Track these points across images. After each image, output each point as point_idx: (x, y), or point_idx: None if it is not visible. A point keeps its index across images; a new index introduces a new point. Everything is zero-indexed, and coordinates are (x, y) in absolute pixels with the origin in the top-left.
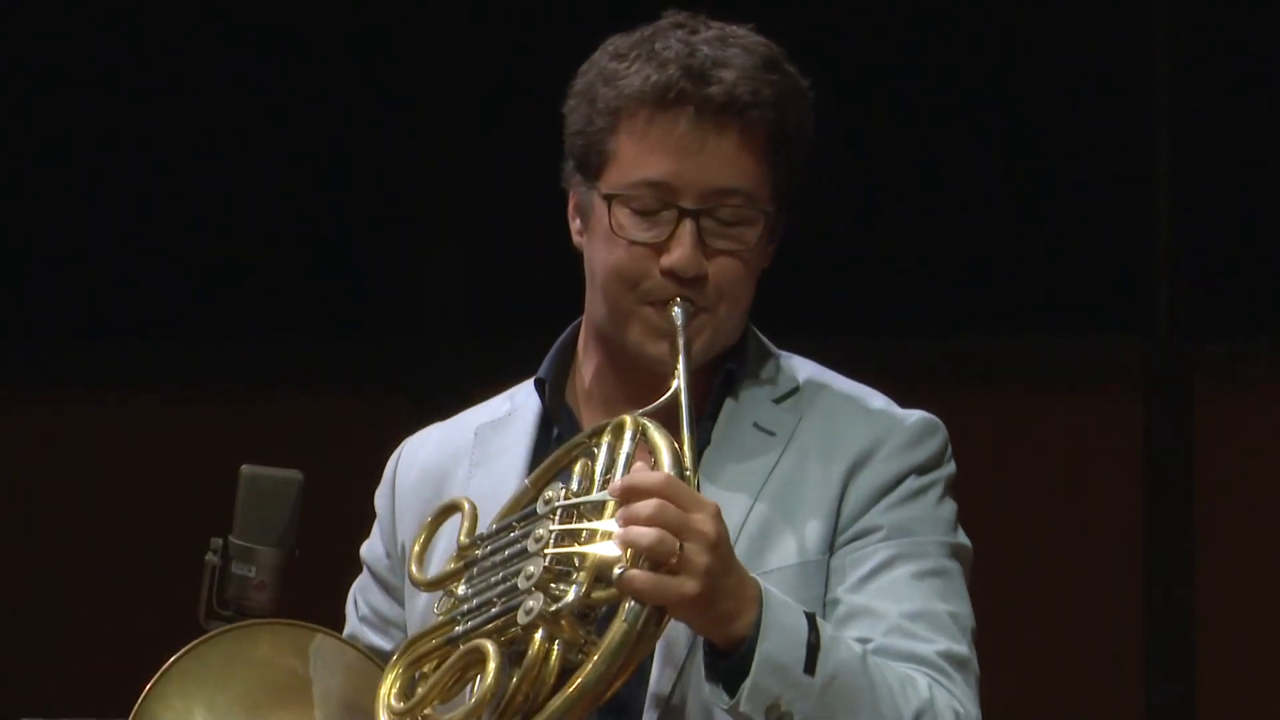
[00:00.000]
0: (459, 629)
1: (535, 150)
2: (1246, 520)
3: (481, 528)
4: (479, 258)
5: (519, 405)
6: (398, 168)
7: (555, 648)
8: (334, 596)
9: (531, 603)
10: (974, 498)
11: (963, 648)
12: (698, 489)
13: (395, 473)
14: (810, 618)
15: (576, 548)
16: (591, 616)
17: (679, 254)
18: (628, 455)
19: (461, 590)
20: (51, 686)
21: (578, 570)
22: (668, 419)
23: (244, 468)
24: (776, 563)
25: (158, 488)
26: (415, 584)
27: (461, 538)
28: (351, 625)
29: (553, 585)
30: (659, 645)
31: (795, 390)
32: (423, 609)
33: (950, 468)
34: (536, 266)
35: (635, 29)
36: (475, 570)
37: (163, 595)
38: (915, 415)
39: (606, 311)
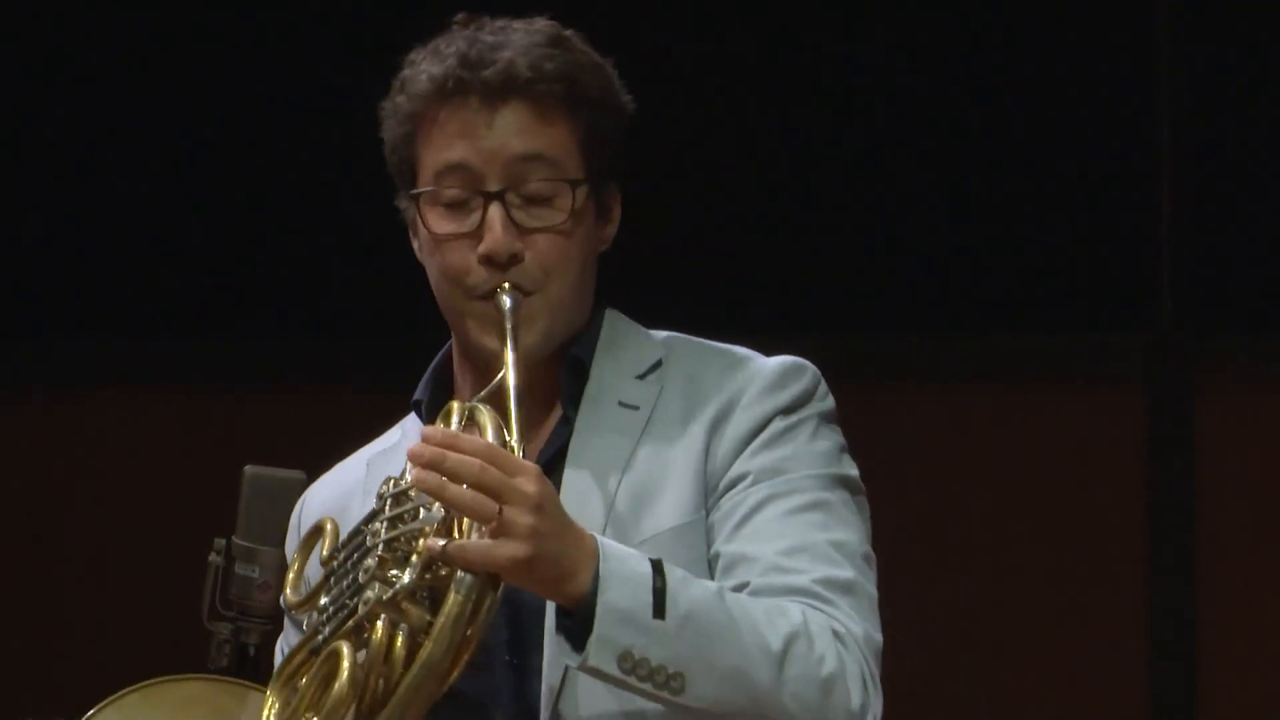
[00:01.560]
0: (319, 638)
1: None
2: (1248, 518)
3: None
4: None
5: (408, 432)
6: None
7: (400, 633)
8: None
9: (369, 593)
10: (975, 496)
11: (846, 572)
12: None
13: (300, 518)
14: (655, 563)
15: (404, 528)
16: (435, 597)
17: (490, 238)
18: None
19: (324, 601)
20: (53, 687)
21: (407, 551)
22: (503, 405)
23: (247, 468)
24: (649, 530)
25: (161, 488)
26: (288, 608)
27: (323, 554)
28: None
29: (391, 573)
30: (547, 625)
31: (658, 363)
32: None
33: (823, 404)
34: None
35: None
36: (332, 580)
37: (166, 596)
38: (778, 360)
39: (448, 318)
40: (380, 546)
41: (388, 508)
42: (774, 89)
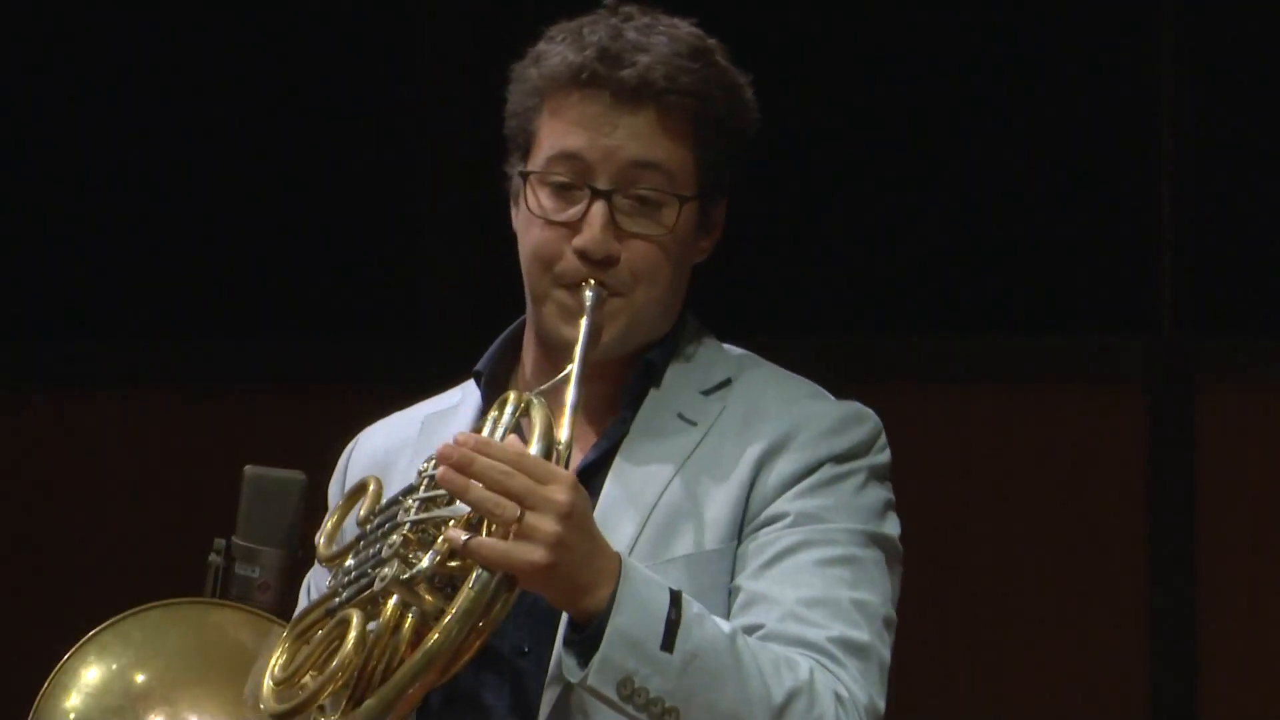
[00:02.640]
0: (336, 600)
1: None
2: (1249, 518)
3: None
4: (482, 256)
5: (466, 396)
6: (400, 166)
7: (411, 616)
8: None
9: (386, 570)
10: (975, 496)
11: (862, 634)
12: (567, 465)
13: (347, 462)
14: (675, 595)
15: (434, 513)
16: (453, 586)
17: (588, 234)
18: (505, 428)
19: (349, 563)
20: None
21: (432, 536)
22: (562, 400)
23: (248, 468)
24: (681, 550)
25: (161, 488)
26: (319, 560)
27: (360, 513)
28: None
29: (412, 554)
30: (563, 623)
31: (726, 382)
32: None
33: (878, 458)
34: None
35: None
36: (362, 544)
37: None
38: (842, 404)
39: (530, 299)
40: (408, 525)
41: (424, 487)
42: (774, 88)
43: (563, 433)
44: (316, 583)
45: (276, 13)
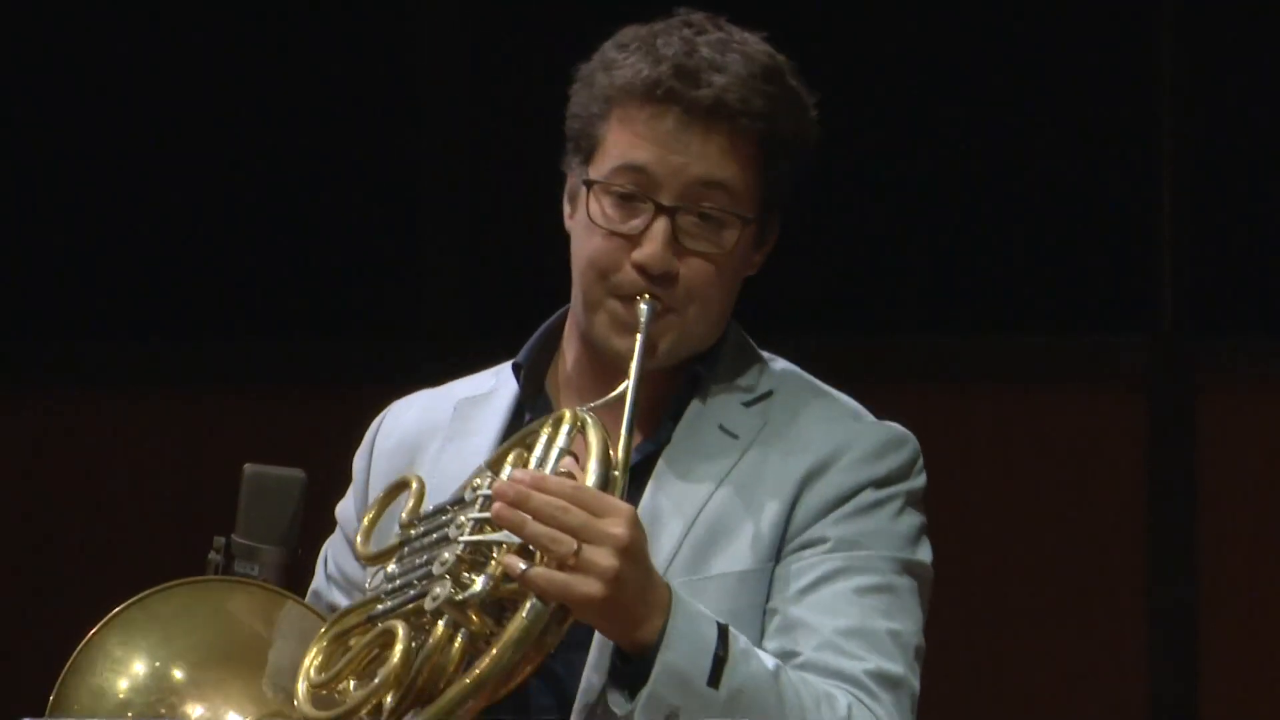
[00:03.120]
0: (380, 607)
1: (537, 146)
2: (1249, 517)
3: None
4: (481, 254)
5: (501, 384)
6: (400, 165)
7: (460, 637)
8: None
9: (439, 589)
10: (976, 496)
11: (897, 667)
12: (624, 491)
13: (376, 435)
14: (722, 630)
15: (490, 536)
16: (502, 609)
17: (649, 249)
18: (560, 450)
19: (391, 568)
20: (53, 686)
21: (491, 561)
22: (618, 415)
23: (247, 466)
24: (720, 567)
25: (161, 487)
26: (358, 558)
27: (403, 515)
28: (318, 582)
29: (465, 574)
30: (593, 649)
31: (768, 394)
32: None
33: (916, 482)
34: (539, 262)
35: (650, 22)
36: (407, 550)
37: None
38: (883, 427)
39: (581, 303)
40: (461, 545)
41: (478, 506)
42: None
43: (619, 455)
44: (334, 554)
45: (277, 11)
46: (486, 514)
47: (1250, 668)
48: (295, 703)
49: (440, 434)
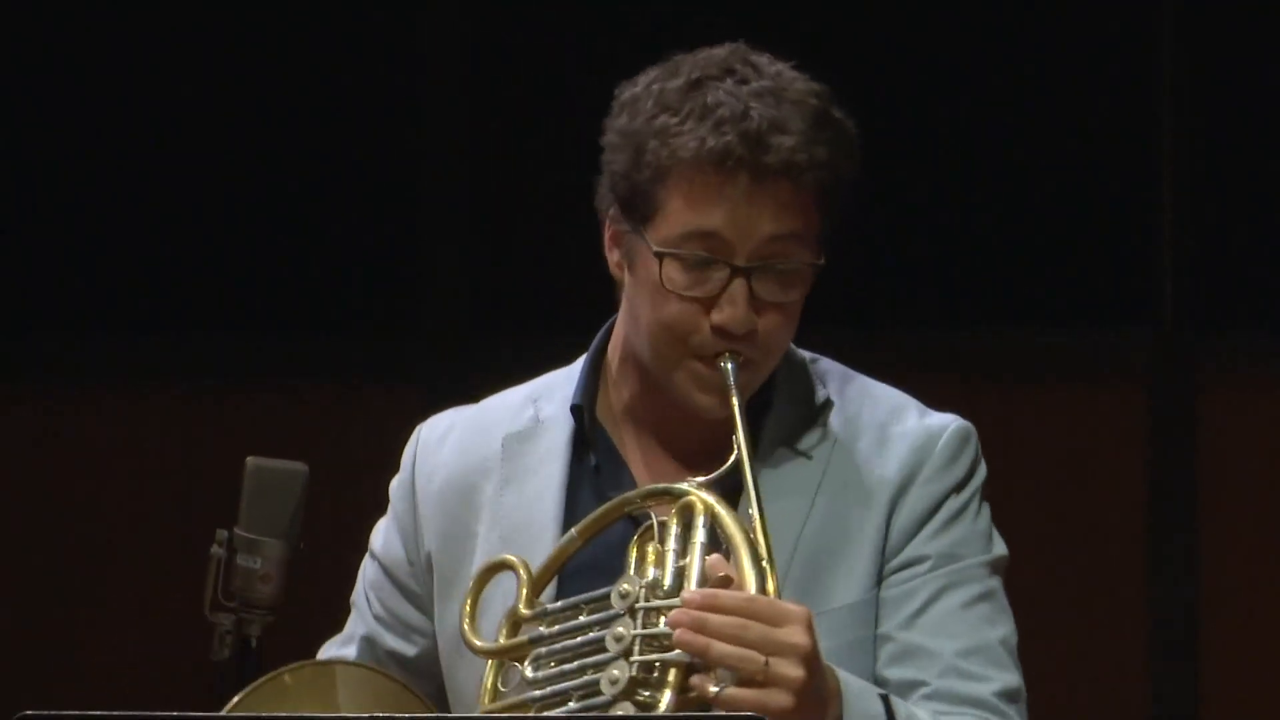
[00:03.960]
0: (535, 696)
1: (541, 143)
2: (1250, 514)
3: (515, 554)
4: (484, 250)
5: (547, 418)
6: (403, 160)
7: None
8: (339, 589)
9: (620, 711)
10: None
11: (1014, 676)
12: (778, 588)
13: (414, 471)
14: (884, 698)
15: (661, 656)
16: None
17: (731, 313)
18: (703, 545)
19: (529, 672)
20: (57, 678)
21: (662, 679)
22: (728, 484)
23: (249, 460)
24: (828, 603)
25: (163, 480)
26: (472, 649)
27: (521, 608)
28: (367, 625)
29: (639, 692)
30: None
31: (826, 404)
32: (454, 632)
33: (982, 473)
34: (542, 259)
35: (678, 63)
36: (544, 651)
37: (168, 587)
38: (948, 429)
39: (651, 356)
40: (634, 666)
41: (640, 621)
42: None
43: (763, 548)
44: (380, 594)
45: (277, 9)
46: (651, 631)
47: (1251, 666)
48: None
49: (493, 475)
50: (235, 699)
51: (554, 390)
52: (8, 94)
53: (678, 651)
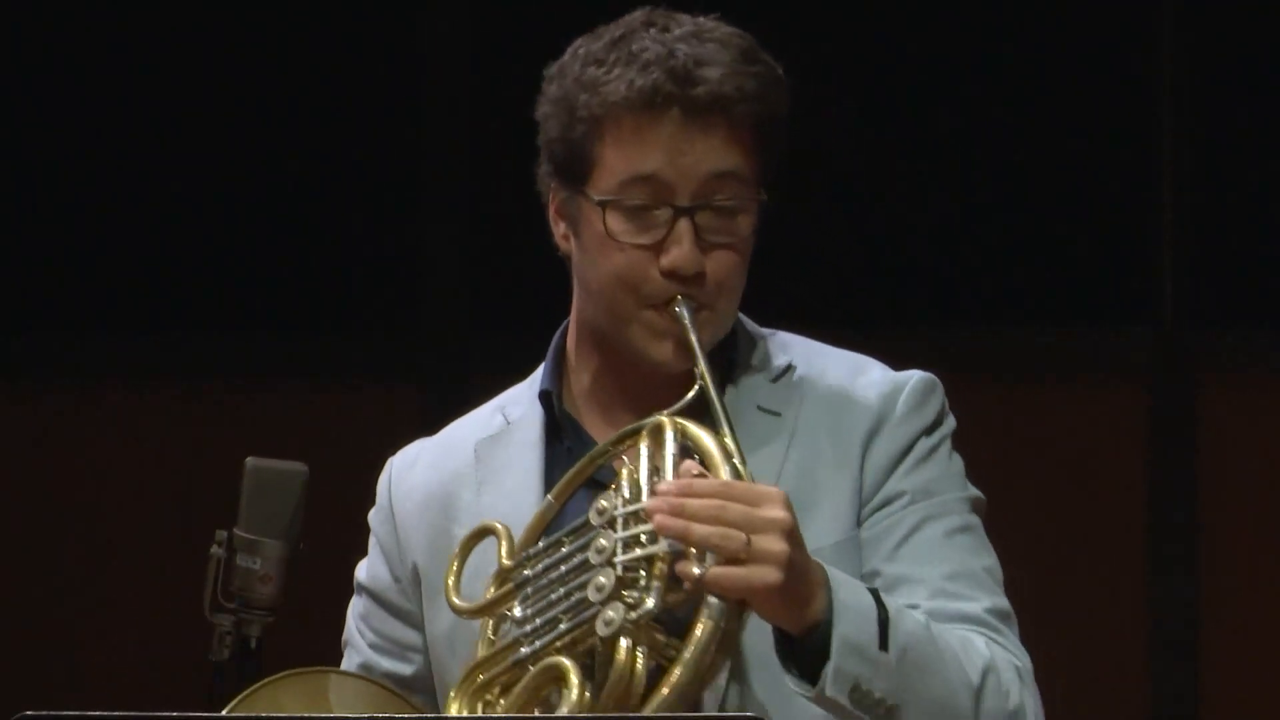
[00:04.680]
0: (525, 650)
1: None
2: (1250, 511)
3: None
4: (483, 249)
5: (517, 419)
6: (401, 160)
7: (640, 655)
8: (339, 589)
9: (611, 614)
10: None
11: (1003, 600)
12: (751, 478)
13: (390, 496)
14: (874, 593)
15: (643, 552)
16: (674, 620)
17: (678, 253)
18: (674, 456)
19: (518, 612)
20: (57, 678)
21: (648, 576)
22: (694, 417)
23: (249, 460)
24: (810, 545)
25: (162, 480)
26: (458, 612)
27: (503, 560)
28: (362, 655)
29: (626, 594)
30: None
31: (789, 367)
32: (448, 630)
33: (951, 421)
34: (540, 258)
35: (602, 30)
36: (530, 590)
37: (168, 588)
38: (914, 376)
39: (605, 317)
40: (618, 567)
41: (620, 527)
42: None
43: (734, 447)
44: (372, 623)
45: (277, 9)
46: (632, 531)
47: (1251, 663)
48: None
49: (470, 480)
50: (227, 708)
51: (520, 396)
52: (8, 94)
53: (659, 544)
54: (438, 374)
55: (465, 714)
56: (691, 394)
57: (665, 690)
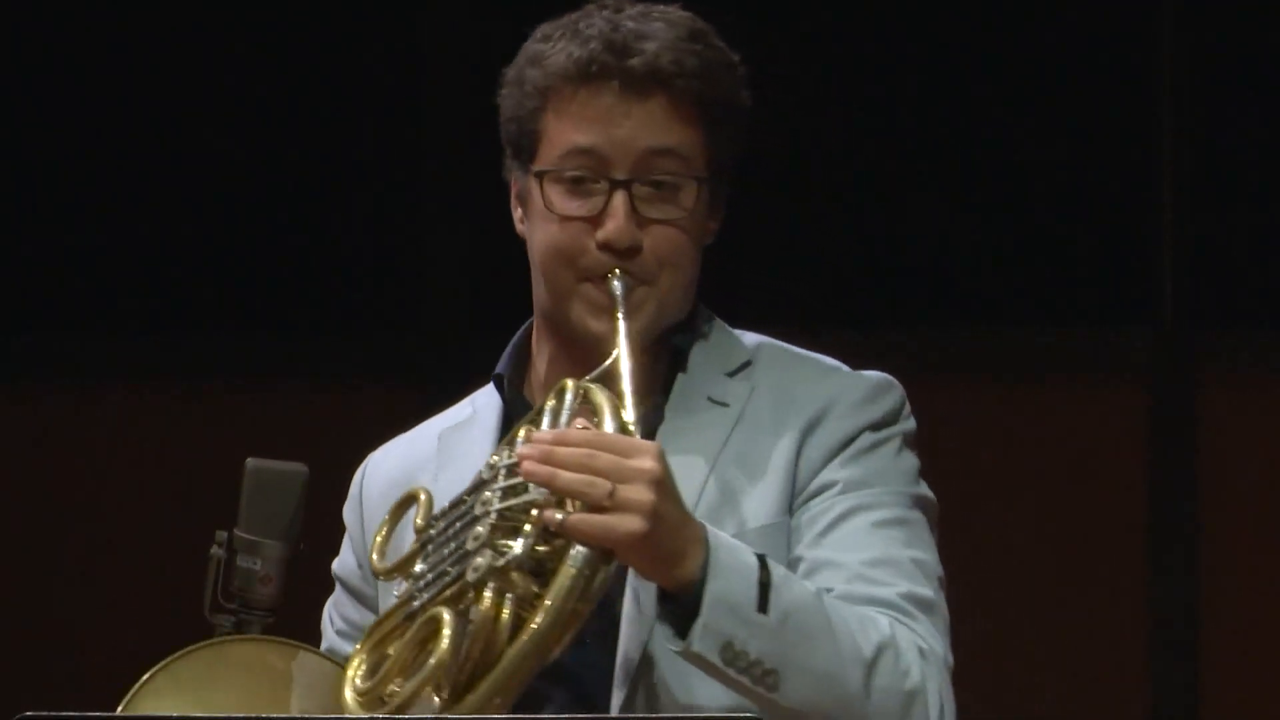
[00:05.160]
0: (415, 603)
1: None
2: (1251, 510)
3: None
4: (483, 249)
5: (480, 407)
6: (402, 159)
7: (507, 604)
8: None
9: (479, 560)
10: (977, 490)
11: (927, 591)
12: (637, 434)
13: (361, 487)
14: (761, 558)
15: (518, 499)
16: (543, 571)
17: (612, 225)
18: (569, 413)
19: (418, 568)
20: (57, 678)
21: (520, 525)
22: (613, 386)
23: (249, 461)
24: (736, 528)
25: (162, 481)
26: (376, 574)
27: (417, 522)
28: (328, 640)
29: (500, 542)
30: (626, 610)
31: (747, 363)
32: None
33: (909, 424)
34: None
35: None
36: (430, 548)
37: (168, 588)
38: (869, 374)
39: (549, 293)
40: (493, 515)
41: (501, 478)
42: (772, 81)
43: (629, 409)
44: (340, 611)
45: (278, 9)
46: (512, 481)
47: (1252, 662)
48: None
49: (430, 466)
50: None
51: (490, 389)
52: (8, 94)
53: (531, 493)
54: (438, 374)
55: (365, 665)
56: (608, 361)
57: (524, 637)
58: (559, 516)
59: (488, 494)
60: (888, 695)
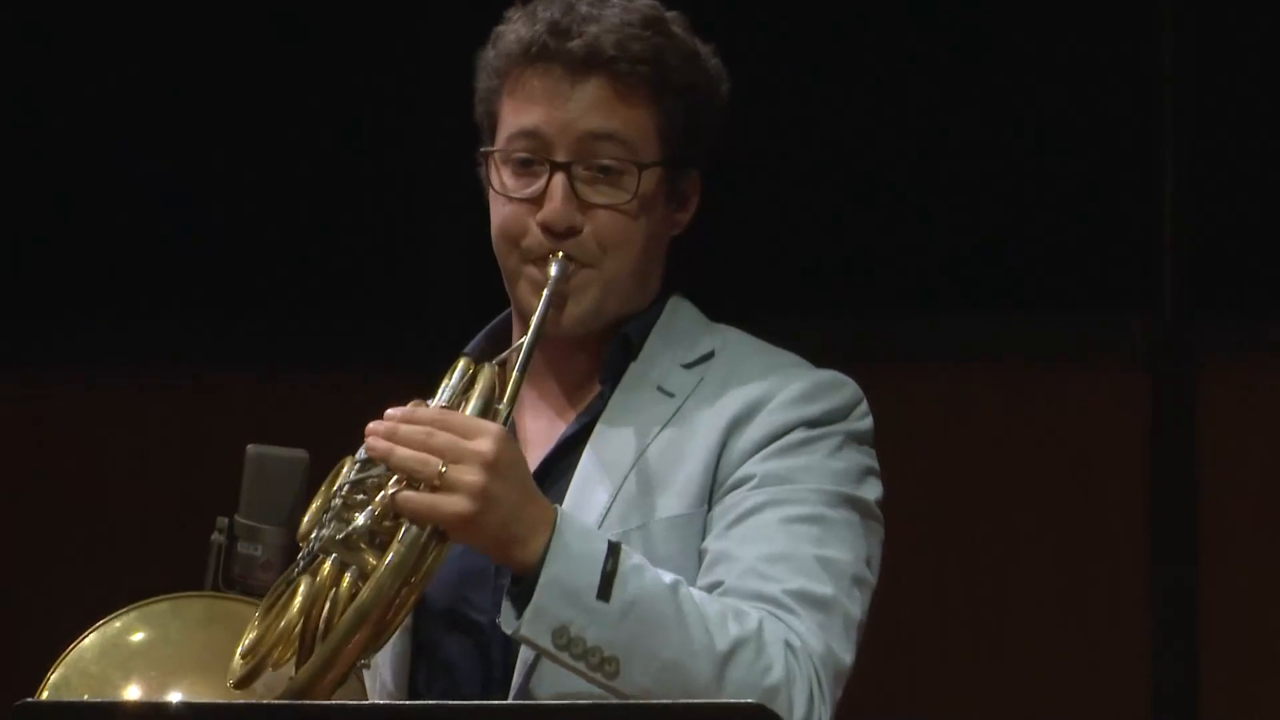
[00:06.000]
0: (295, 571)
1: None
2: (1251, 500)
3: None
4: (484, 238)
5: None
6: (403, 149)
7: (349, 575)
8: None
9: (324, 532)
10: (977, 477)
11: (825, 588)
12: (507, 422)
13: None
14: (613, 546)
15: (369, 474)
16: (386, 546)
17: (549, 207)
18: (452, 392)
19: (312, 536)
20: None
21: (366, 499)
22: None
23: (250, 447)
24: (650, 518)
25: (164, 468)
26: (298, 539)
27: (327, 491)
28: None
29: (348, 514)
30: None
31: (709, 355)
32: None
33: (857, 424)
34: None
35: None
36: (325, 518)
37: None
38: (820, 373)
39: (504, 276)
40: (345, 488)
41: (360, 453)
42: (771, 76)
43: (506, 394)
44: None
45: (278, 9)
46: (366, 457)
47: (1251, 650)
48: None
49: None
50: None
51: None
52: (7, 90)
53: (380, 468)
54: (439, 363)
55: (255, 633)
56: (518, 343)
57: (350, 610)
58: (389, 492)
59: (346, 468)
60: (743, 688)
